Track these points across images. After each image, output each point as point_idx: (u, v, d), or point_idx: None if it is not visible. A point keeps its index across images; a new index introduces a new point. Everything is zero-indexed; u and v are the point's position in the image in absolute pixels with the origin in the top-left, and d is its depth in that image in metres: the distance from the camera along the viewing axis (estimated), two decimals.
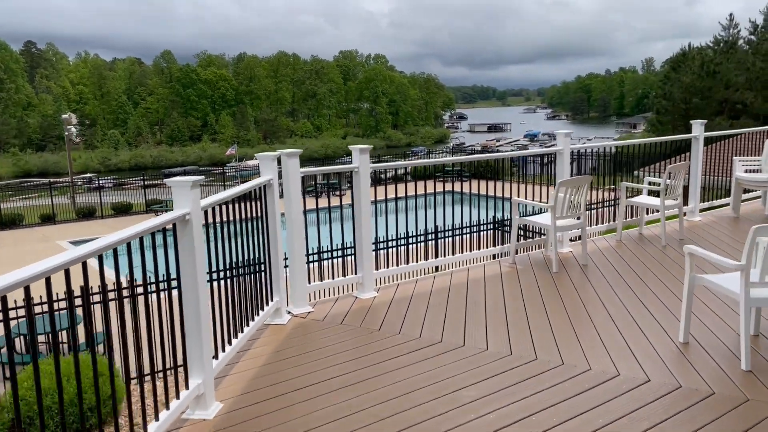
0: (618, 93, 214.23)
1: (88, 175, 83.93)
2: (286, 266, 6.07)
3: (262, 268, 5.49)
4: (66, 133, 28.66)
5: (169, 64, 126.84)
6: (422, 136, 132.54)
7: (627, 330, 5.25)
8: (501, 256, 8.08)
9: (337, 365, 4.74)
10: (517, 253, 7.88)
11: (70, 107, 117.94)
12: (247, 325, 5.12)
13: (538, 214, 8.30)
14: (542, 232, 8.37)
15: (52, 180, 41.84)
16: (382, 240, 8.57)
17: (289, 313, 5.96)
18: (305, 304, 6.11)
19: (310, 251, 7.43)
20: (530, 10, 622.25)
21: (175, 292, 3.98)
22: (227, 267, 4.75)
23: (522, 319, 5.59)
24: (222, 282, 4.66)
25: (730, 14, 49.71)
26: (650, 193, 8.96)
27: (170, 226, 3.87)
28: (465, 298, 6.27)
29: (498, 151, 47.06)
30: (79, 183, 67.84)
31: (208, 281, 4.22)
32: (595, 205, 9.92)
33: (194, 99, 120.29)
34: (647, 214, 9.18)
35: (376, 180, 29.91)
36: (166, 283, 4.22)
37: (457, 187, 28.84)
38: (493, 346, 5.02)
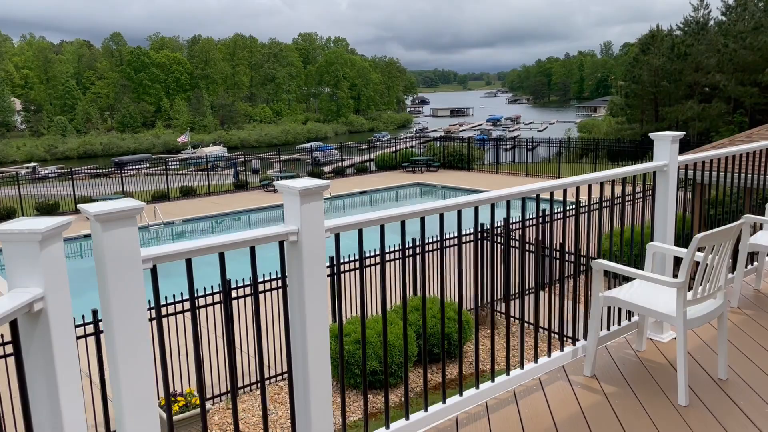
0: (577, 77, 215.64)
1: (32, 164, 79.47)
2: None
3: None
4: None
5: (120, 46, 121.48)
6: (385, 121, 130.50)
7: None
8: (561, 347, 4.39)
9: None
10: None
11: (14, 92, 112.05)
12: None
13: (627, 281, 4.50)
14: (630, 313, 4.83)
15: None
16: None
17: None
18: None
19: None
20: None
21: None
22: None
23: None
24: None
25: None
26: None
27: None
28: None
29: (461, 136, 45.37)
30: (22, 173, 63.97)
31: None
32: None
33: (147, 83, 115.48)
34: None
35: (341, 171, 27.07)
36: None
37: (426, 178, 26.88)
38: None
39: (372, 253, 9.58)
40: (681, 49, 46.54)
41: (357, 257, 9.86)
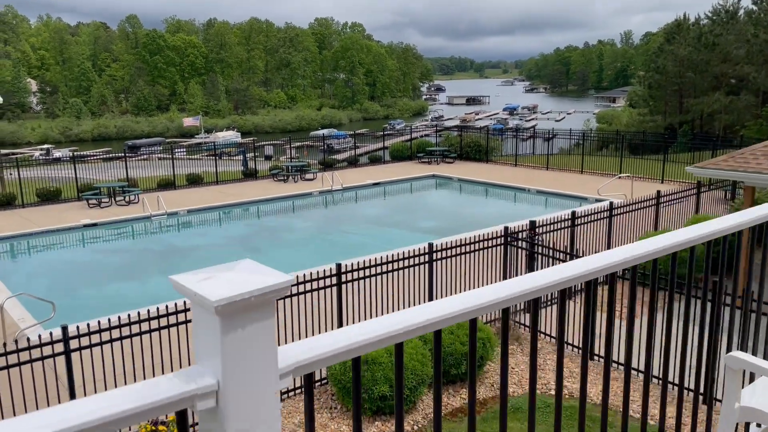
0: (597, 66, 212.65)
1: (46, 146, 79.28)
2: None
3: None
4: None
5: (135, 29, 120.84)
6: (400, 109, 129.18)
7: None
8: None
9: None
10: None
11: (30, 73, 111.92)
12: None
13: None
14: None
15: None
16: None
17: None
18: None
19: None
20: None
21: None
22: None
23: None
24: None
25: None
26: None
27: None
28: None
29: (477, 125, 44.03)
30: (37, 155, 63.64)
31: None
32: None
33: (162, 66, 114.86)
34: None
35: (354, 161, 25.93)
36: None
37: (442, 170, 25.72)
38: None
39: (390, 258, 8.66)
40: (708, 38, 44.94)
41: (367, 263, 8.75)
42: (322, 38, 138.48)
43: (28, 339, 6.12)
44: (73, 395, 6.37)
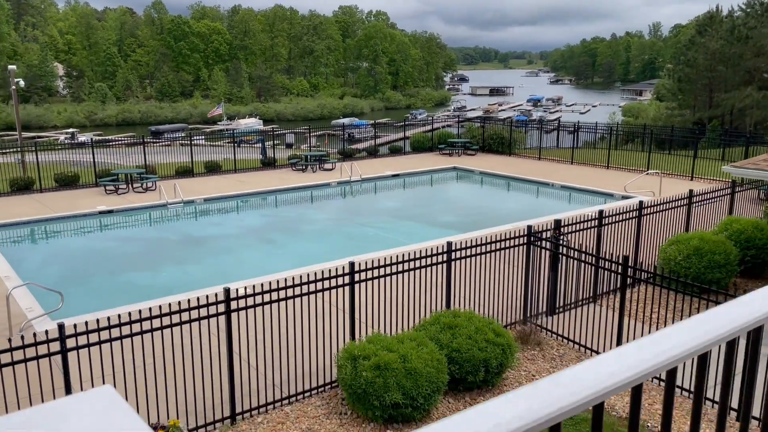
0: (624, 58, 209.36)
1: (71, 130, 80.00)
2: None
3: None
4: (12, 87, 24.79)
5: (161, 15, 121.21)
6: (422, 98, 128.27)
7: None
8: None
9: None
10: None
11: (57, 57, 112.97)
12: None
13: None
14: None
15: (24, 138, 38.19)
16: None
17: None
18: None
19: None
20: None
21: None
22: None
23: None
24: None
25: None
26: None
27: None
28: None
29: (499, 116, 43.18)
30: (62, 139, 64.16)
31: None
32: None
33: (186, 53, 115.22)
34: None
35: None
36: None
37: (464, 162, 25.13)
38: None
39: (403, 257, 8.27)
40: (742, 31, 43.58)
41: (381, 262, 8.37)
42: (346, 26, 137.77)
43: (23, 337, 5.83)
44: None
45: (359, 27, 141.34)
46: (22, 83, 26.22)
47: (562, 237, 9.64)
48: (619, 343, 8.41)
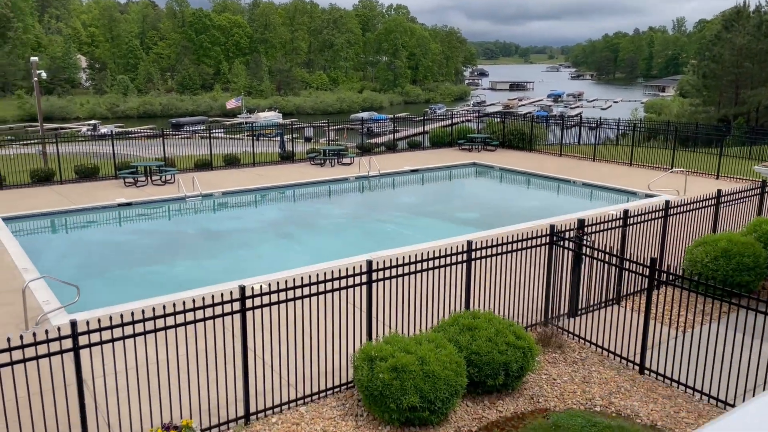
0: (646, 53, 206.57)
1: (93, 121, 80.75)
2: None
3: None
4: (35, 79, 24.93)
5: (182, 8, 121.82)
6: (442, 93, 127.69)
7: None
8: None
9: None
10: None
11: (80, 50, 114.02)
12: None
13: None
14: None
15: (46, 129, 38.55)
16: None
17: None
18: None
19: None
20: None
21: None
22: None
23: None
24: None
25: None
26: None
27: None
28: None
29: (519, 112, 42.68)
30: (84, 130, 64.72)
31: None
32: None
33: (207, 46, 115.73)
34: None
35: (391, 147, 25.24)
36: None
37: (483, 158, 24.89)
38: None
39: (417, 257, 8.08)
40: None
41: (399, 261, 8.18)
42: (366, 20, 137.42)
43: (35, 334, 5.74)
44: (81, 394, 5.99)
45: (379, 21, 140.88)
46: (44, 75, 26.39)
47: (585, 237, 9.38)
48: (644, 346, 8.16)
